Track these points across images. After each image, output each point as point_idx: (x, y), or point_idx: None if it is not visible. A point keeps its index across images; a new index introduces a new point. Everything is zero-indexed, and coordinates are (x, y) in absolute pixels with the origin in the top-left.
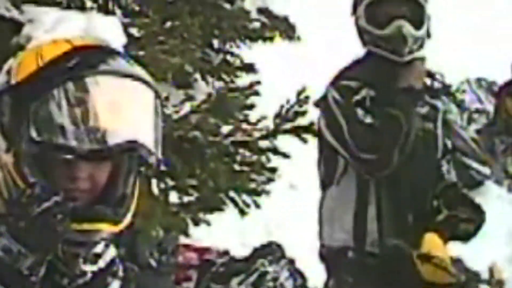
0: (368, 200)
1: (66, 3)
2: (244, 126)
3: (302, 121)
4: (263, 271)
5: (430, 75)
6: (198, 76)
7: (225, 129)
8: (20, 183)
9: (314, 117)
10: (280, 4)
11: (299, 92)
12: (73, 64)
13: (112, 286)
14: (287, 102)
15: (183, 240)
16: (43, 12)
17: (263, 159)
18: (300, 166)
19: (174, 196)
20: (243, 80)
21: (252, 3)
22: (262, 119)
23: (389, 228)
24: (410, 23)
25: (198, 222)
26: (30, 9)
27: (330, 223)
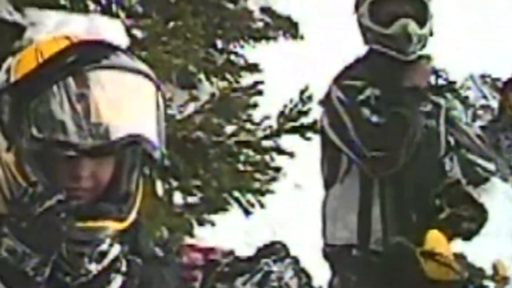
0: (372, 198)
1: (69, 6)
2: (248, 125)
3: (305, 120)
4: (268, 271)
5: (434, 72)
6: (203, 77)
7: (228, 129)
8: (22, 181)
9: (318, 115)
10: (283, 4)
11: (302, 91)
12: (73, 60)
13: (115, 282)
14: (290, 101)
15: (188, 240)
16: (45, 15)
17: (267, 159)
18: (305, 165)
19: (178, 196)
20: (247, 80)
21: (255, 2)
22: (265, 118)
23: (393, 226)
24: (414, 22)
25: (203, 222)
26: (32, 12)
27: (333, 222)
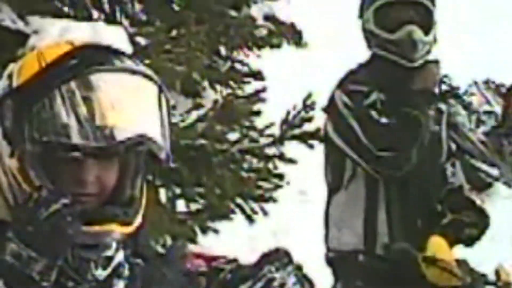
0: (378, 203)
1: (73, 14)
2: (251, 133)
3: (308, 127)
4: (270, 277)
5: (437, 67)
6: (207, 84)
7: (231, 136)
8: (26, 187)
9: (321, 123)
10: (287, 11)
11: (305, 98)
12: (76, 63)
13: (118, 287)
14: (293, 109)
15: (191, 248)
16: (48, 23)
17: (270, 166)
18: (310, 172)
19: (181, 204)
20: (251, 87)
21: (258, 10)
22: (269, 125)
23: (399, 232)
24: (419, 28)
25: (206, 230)
26: (36, 20)
27: (338, 227)
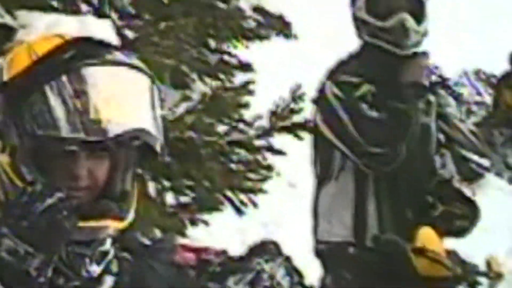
0: (367, 195)
1: (61, 8)
2: (240, 125)
3: (297, 118)
4: (260, 269)
5: (428, 69)
6: (196, 77)
7: (220, 128)
8: (18, 182)
9: (310, 114)
10: (275, 3)
11: (294, 90)
12: (68, 56)
13: (106, 283)
14: (282, 100)
15: (181, 240)
16: (36, 17)
17: (259, 158)
18: (299, 164)
19: (170, 197)
20: (240, 79)
21: (247, 2)
22: (257, 118)
23: (389, 224)
24: (412, 17)
25: (196, 222)
26: (23, 14)
27: (328, 219)
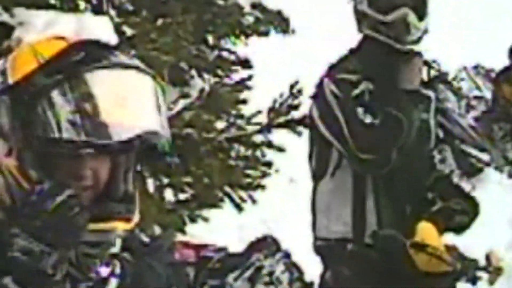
0: (366, 191)
1: (59, 5)
2: (238, 121)
3: (296, 114)
4: (259, 266)
5: (426, 63)
6: (195, 73)
7: (219, 125)
8: (26, 185)
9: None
10: None
11: (292, 86)
12: (76, 60)
13: (111, 284)
14: (280, 96)
15: (180, 237)
16: (33, 14)
17: (258, 154)
18: (299, 160)
19: (169, 194)
20: (239, 75)
21: None
22: (256, 114)
23: (388, 220)
24: (414, 13)
25: (195, 219)
26: (21, 12)
27: (326, 215)
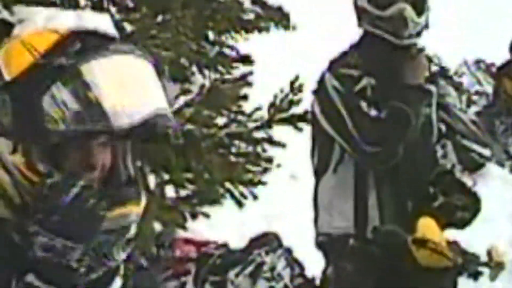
0: (368, 186)
1: (59, 2)
2: (239, 117)
3: (296, 110)
4: (260, 262)
5: (427, 58)
6: (195, 69)
7: (219, 121)
8: (37, 180)
9: (309, 106)
10: None
11: (292, 81)
12: (74, 51)
13: (116, 283)
14: (281, 92)
15: (182, 233)
16: (33, 11)
17: (259, 150)
18: (301, 156)
19: (170, 190)
20: (240, 71)
21: None
22: (257, 109)
23: (390, 215)
24: (412, 8)
25: (196, 215)
26: (21, 9)
27: (329, 211)
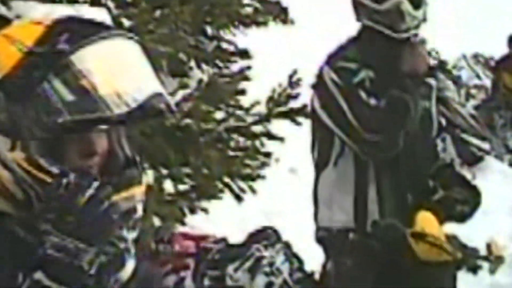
0: (368, 180)
1: None
2: (237, 111)
3: (294, 104)
4: (259, 256)
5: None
6: (194, 64)
7: (217, 115)
8: (42, 176)
9: (307, 99)
10: None
11: (291, 75)
12: (63, 40)
13: (129, 263)
14: (279, 86)
15: (180, 228)
16: (30, 7)
17: (257, 144)
18: (300, 150)
19: (169, 185)
20: (238, 66)
21: None
22: (255, 104)
23: (390, 209)
24: (408, 2)
25: (195, 210)
26: (18, 4)
27: (329, 205)
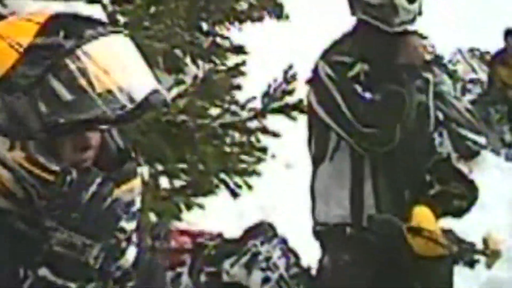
0: (364, 175)
1: None
2: (232, 107)
3: (290, 99)
4: (255, 252)
5: (421, 37)
6: (189, 60)
7: (213, 111)
8: (44, 174)
9: (303, 95)
10: None
11: (286, 71)
12: (62, 38)
13: (129, 252)
14: (274, 81)
15: (177, 224)
16: (25, 4)
17: (253, 140)
18: (296, 145)
19: (165, 181)
20: (233, 61)
21: None
22: (250, 99)
23: (386, 204)
24: None
25: (191, 206)
26: (14, 1)
27: (325, 200)
